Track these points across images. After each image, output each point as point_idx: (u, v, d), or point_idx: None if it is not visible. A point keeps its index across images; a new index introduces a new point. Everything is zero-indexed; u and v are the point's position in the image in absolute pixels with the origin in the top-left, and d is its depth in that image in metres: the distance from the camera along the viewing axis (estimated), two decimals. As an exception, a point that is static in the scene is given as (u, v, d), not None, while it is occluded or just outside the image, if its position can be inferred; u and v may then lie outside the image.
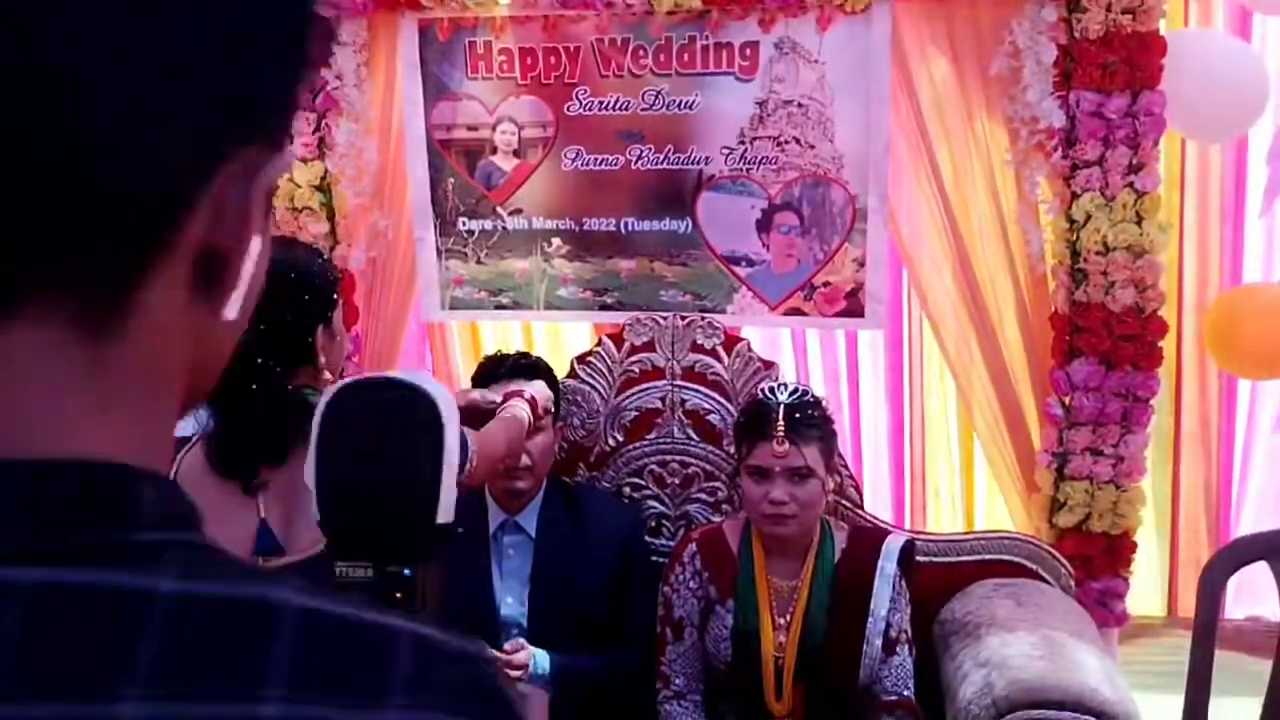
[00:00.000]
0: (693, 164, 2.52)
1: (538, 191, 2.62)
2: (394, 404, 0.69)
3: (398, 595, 0.71)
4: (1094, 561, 2.44)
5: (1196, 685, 2.14)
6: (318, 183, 2.66)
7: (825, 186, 2.47)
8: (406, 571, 0.71)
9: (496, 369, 2.25)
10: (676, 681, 2.04)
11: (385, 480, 0.70)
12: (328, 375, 1.58)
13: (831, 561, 2.01)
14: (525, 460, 2.12)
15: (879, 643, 1.95)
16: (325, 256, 1.71)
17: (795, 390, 2.03)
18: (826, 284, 2.52)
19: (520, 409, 2.04)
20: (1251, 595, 3.40)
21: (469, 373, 2.48)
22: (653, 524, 2.46)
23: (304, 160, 2.65)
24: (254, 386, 1.49)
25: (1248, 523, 3.40)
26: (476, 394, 2.14)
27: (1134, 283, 2.32)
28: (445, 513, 0.71)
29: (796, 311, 2.56)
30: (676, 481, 2.46)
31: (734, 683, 1.99)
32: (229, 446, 1.54)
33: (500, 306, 2.72)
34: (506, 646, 2.03)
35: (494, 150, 2.62)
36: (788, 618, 1.97)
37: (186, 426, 1.59)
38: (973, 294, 2.48)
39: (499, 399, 2.09)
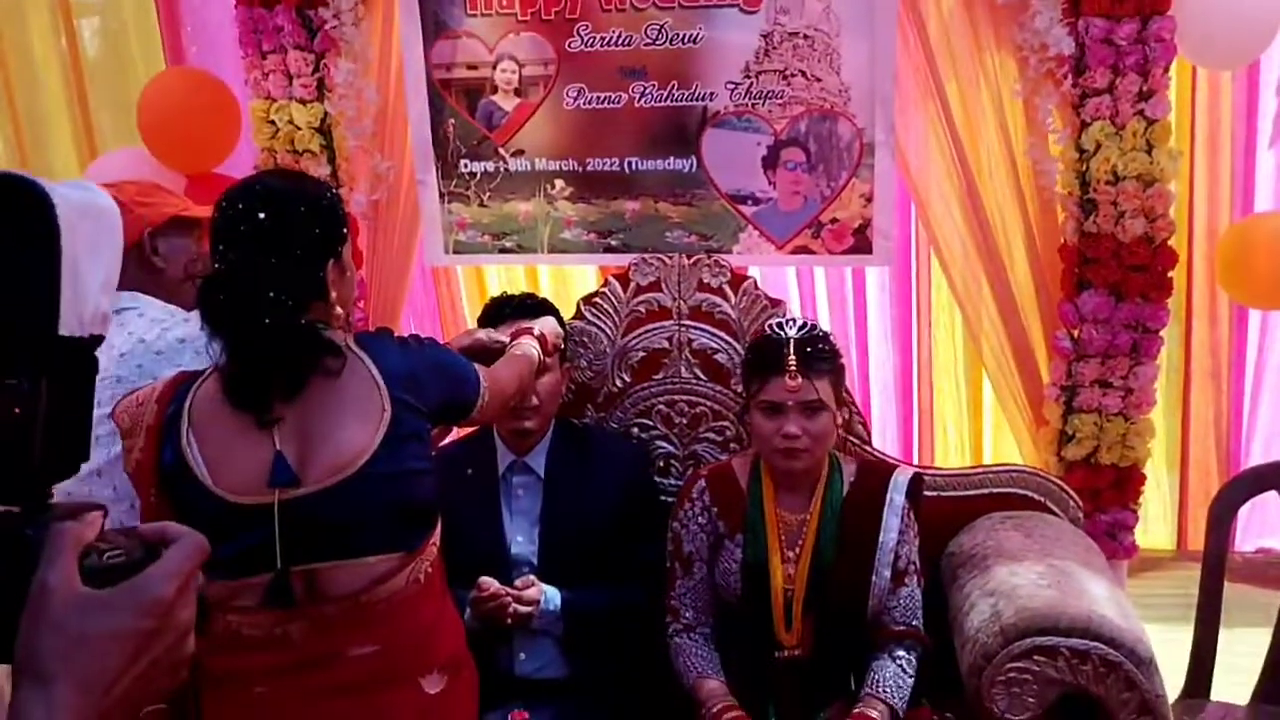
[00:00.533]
0: (697, 100, 2.49)
1: (540, 131, 2.59)
2: (6, 208, 0.67)
3: (16, 410, 0.70)
4: (1103, 494, 2.44)
5: (1206, 617, 2.15)
6: (318, 124, 2.64)
7: (832, 120, 2.44)
8: (13, 381, 0.70)
9: (502, 310, 2.24)
10: (686, 615, 2.05)
11: None
12: (339, 310, 1.57)
13: (840, 494, 2.01)
14: (533, 400, 2.12)
15: (887, 574, 1.96)
16: (334, 190, 1.69)
17: (804, 325, 2.02)
18: (834, 221, 2.50)
19: (530, 347, 2.04)
20: (1261, 526, 3.42)
21: (476, 316, 2.47)
22: (661, 464, 2.46)
23: (303, 102, 2.62)
24: (266, 321, 1.49)
25: (1257, 455, 3.40)
26: (483, 334, 2.14)
27: (1144, 212, 2.30)
28: (70, 326, 0.69)
29: (804, 250, 2.54)
30: (684, 421, 2.46)
31: (744, 615, 2.00)
32: (242, 380, 1.54)
33: (504, 250, 2.70)
34: (517, 583, 2.04)
35: (494, 89, 2.59)
36: (797, 550, 1.98)
37: (200, 360, 1.58)
38: (981, 227, 2.46)
39: (506, 339, 2.09)
